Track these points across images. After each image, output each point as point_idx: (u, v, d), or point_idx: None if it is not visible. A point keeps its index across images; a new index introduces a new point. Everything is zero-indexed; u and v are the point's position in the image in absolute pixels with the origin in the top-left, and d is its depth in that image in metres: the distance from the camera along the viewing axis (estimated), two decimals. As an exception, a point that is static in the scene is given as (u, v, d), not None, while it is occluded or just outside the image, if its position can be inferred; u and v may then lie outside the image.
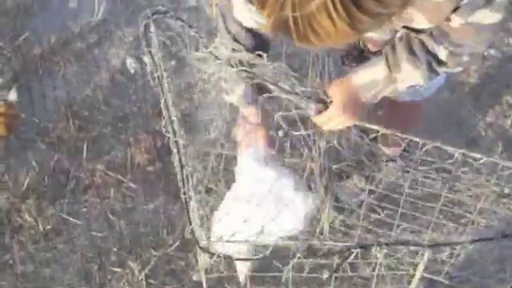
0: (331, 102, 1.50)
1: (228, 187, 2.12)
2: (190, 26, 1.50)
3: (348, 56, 2.44)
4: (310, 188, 1.76)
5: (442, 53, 1.42)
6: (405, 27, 1.45)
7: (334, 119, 1.53)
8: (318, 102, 1.50)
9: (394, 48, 1.47)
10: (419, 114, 2.08)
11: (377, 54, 1.64)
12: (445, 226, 2.03)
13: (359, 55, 2.39)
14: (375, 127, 1.63)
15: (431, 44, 1.42)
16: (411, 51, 1.44)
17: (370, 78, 1.50)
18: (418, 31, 1.43)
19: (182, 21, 1.49)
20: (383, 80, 1.49)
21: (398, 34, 1.53)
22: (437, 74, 1.47)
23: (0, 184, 2.25)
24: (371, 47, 2.30)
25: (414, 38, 1.44)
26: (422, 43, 1.43)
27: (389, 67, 1.48)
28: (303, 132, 1.63)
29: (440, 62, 1.44)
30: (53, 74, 2.58)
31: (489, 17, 1.35)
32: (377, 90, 1.51)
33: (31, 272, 2.10)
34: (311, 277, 1.62)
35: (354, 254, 1.34)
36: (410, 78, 1.48)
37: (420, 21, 1.37)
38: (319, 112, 1.51)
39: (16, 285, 2.08)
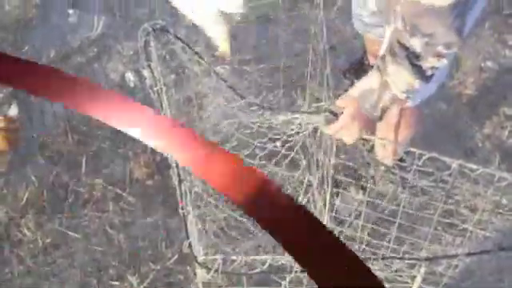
0: (342, 112, 1.61)
1: (227, 200, 2.12)
2: (189, 46, 1.51)
3: (350, 70, 2.49)
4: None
5: (417, 43, 1.47)
6: None
7: (346, 128, 1.62)
8: (328, 113, 1.62)
9: (383, 57, 1.56)
10: (414, 121, 2.09)
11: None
12: (442, 238, 2.03)
13: (360, 68, 2.43)
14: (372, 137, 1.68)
15: (406, 38, 1.48)
16: (392, 52, 1.52)
17: (366, 86, 1.60)
18: None
19: (182, 41, 1.50)
20: (378, 87, 1.57)
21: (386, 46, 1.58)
22: (421, 69, 1.51)
23: (-1, 198, 2.27)
24: (372, 60, 2.33)
25: (395, 43, 1.50)
26: (399, 42, 1.48)
27: (379, 72, 1.56)
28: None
29: (418, 55, 1.49)
30: (52, 89, 2.59)
31: None
32: (375, 99, 1.58)
33: (30, 286, 2.10)
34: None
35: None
36: (398, 78, 1.53)
37: None
38: (329, 122, 1.62)
39: (15, 299, 2.08)
